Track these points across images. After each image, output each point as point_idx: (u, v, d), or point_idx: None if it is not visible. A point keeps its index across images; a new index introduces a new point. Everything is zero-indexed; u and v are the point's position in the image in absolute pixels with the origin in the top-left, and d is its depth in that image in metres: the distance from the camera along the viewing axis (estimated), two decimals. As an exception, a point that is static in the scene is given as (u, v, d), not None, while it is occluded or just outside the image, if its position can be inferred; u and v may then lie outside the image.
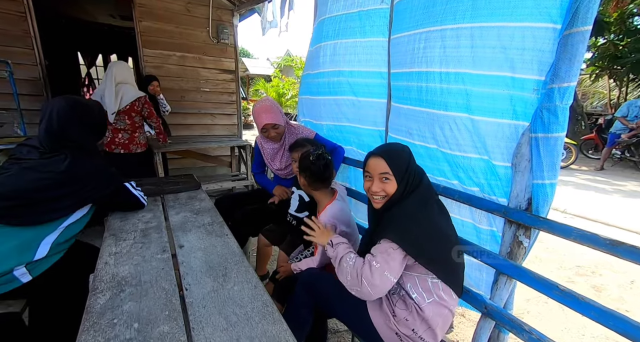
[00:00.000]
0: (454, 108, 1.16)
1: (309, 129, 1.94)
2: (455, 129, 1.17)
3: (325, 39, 1.93)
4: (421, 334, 1.02)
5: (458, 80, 1.12)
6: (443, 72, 1.17)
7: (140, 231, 1.35)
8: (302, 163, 1.42)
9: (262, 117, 1.81)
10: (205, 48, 4.32)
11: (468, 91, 1.09)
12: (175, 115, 4.32)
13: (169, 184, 1.99)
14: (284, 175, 2.04)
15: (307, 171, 1.41)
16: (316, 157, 1.38)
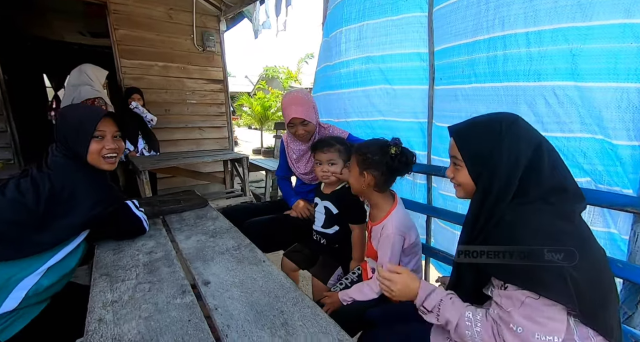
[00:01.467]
0: (552, 76, 0.92)
1: (340, 129, 1.65)
2: (554, 103, 0.93)
3: (347, 22, 1.69)
4: None
5: (558, 39, 0.89)
6: (532, 31, 0.94)
7: (143, 266, 0.99)
8: (374, 158, 1.09)
9: (291, 109, 1.49)
10: (190, 57, 4.01)
11: (574, 51, 0.86)
12: (160, 130, 3.93)
13: (168, 203, 1.62)
14: (309, 180, 1.73)
15: (380, 168, 1.08)
16: (400, 151, 1.06)
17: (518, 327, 0.61)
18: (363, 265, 1.37)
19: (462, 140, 0.76)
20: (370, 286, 1.14)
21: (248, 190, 3.56)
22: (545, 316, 0.59)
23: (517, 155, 0.67)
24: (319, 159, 1.42)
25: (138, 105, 3.15)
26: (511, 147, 0.67)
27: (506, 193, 0.67)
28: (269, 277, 0.91)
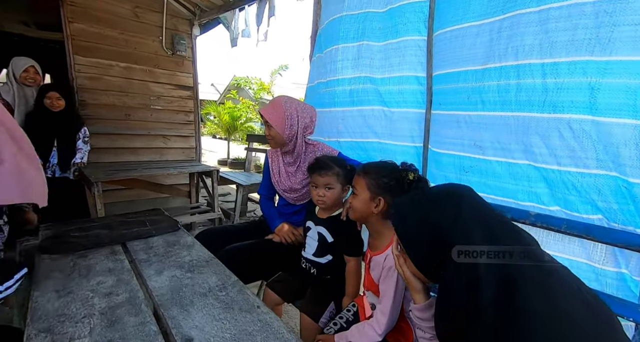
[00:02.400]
0: (569, 109, 0.90)
1: (330, 147, 1.55)
2: (569, 137, 0.92)
3: (343, 40, 1.62)
4: None
5: (576, 71, 0.88)
6: (548, 63, 0.93)
7: (100, 315, 0.77)
8: (390, 183, 1.00)
9: (265, 106, 1.45)
10: (158, 60, 3.71)
11: (593, 85, 0.86)
12: (118, 137, 3.54)
13: (131, 225, 1.37)
14: (294, 199, 1.59)
15: (396, 195, 0.98)
16: (417, 178, 0.98)
17: None
18: (359, 301, 1.25)
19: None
20: (372, 325, 1.01)
21: (217, 206, 3.29)
22: None
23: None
24: (315, 183, 1.29)
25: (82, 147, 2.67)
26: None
27: None
28: (268, 330, 0.75)
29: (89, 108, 3.32)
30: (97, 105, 3.37)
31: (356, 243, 1.27)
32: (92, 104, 3.34)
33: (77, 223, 1.36)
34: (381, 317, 0.99)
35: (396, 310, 1.00)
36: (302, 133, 1.46)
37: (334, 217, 1.32)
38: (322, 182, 1.26)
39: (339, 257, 1.30)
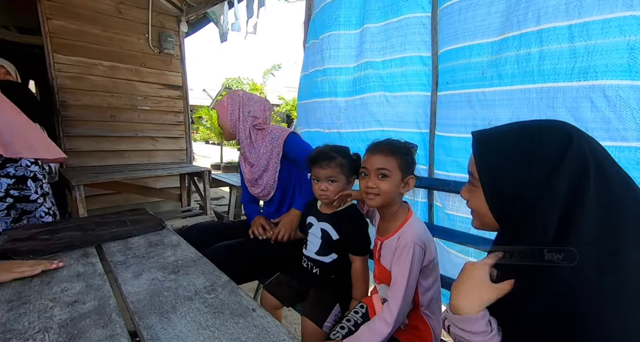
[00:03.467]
0: (602, 74, 0.80)
1: (280, 128, 1.48)
2: (603, 106, 0.81)
3: (345, 27, 1.52)
4: None
5: (611, 30, 0.78)
6: (576, 24, 0.83)
7: (59, 328, 0.62)
8: (411, 159, 0.94)
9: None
10: (144, 58, 3.57)
11: (632, 44, 0.75)
12: (103, 139, 3.37)
13: (109, 226, 1.22)
14: (258, 195, 1.53)
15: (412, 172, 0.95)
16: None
17: None
18: (367, 301, 1.12)
19: (483, 153, 0.56)
20: (382, 317, 0.88)
21: (209, 208, 3.13)
22: None
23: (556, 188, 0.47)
24: (317, 176, 1.16)
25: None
26: (550, 177, 0.47)
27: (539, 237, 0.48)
28: (266, 337, 0.61)
29: (71, 109, 3.15)
30: (79, 106, 3.20)
31: (363, 241, 1.15)
32: (75, 106, 3.17)
33: (47, 225, 1.20)
34: (393, 303, 0.87)
35: (409, 295, 0.88)
36: (246, 120, 1.43)
37: (340, 213, 1.19)
38: (324, 174, 1.13)
39: (344, 256, 1.17)
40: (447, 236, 1.26)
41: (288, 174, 1.47)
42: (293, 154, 1.42)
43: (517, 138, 0.53)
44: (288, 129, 1.47)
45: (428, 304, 0.96)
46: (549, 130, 0.51)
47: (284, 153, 1.42)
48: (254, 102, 1.46)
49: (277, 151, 1.42)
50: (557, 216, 0.46)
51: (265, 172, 1.45)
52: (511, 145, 0.53)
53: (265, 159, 1.43)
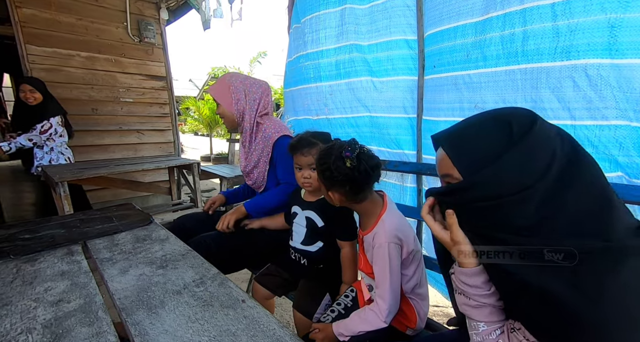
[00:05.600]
0: (584, 53, 0.80)
1: (278, 123, 1.40)
2: (585, 86, 0.81)
3: (325, 6, 1.47)
4: None
5: (592, 8, 0.77)
6: (559, 2, 0.81)
7: (43, 328, 0.61)
8: (332, 175, 0.86)
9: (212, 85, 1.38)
10: (124, 48, 3.44)
11: (613, 21, 0.75)
12: (86, 133, 3.27)
13: (95, 222, 1.20)
14: (252, 185, 1.50)
15: (344, 184, 0.87)
16: (356, 158, 0.84)
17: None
18: (357, 285, 1.13)
19: (458, 150, 0.55)
20: (374, 311, 0.90)
21: (200, 201, 3.10)
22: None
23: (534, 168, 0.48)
24: (299, 163, 1.14)
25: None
26: (527, 157, 0.48)
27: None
28: (256, 328, 0.62)
29: (50, 103, 3.03)
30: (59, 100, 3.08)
31: (349, 226, 1.14)
32: (53, 99, 3.05)
33: (28, 224, 1.17)
34: (382, 303, 0.88)
35: (396, 293, 0.90)
36: (252, 108, 1.35)
37: (323, 199, 1.18)
38: (306, 161, 1.11)
39: (332, 243, 1.16)
40: (436, 219, 1.27)
41: (275, 177, 1.43)
42: (275, 159, 1.37)
43: (489, 128, 0.53)
44: (283, 129, 1.39)
45: (412, 289, 0.98)
46: (513, 115, 0.52)
47: (272, 155, 1.37)
48: (257, 87, 1.37)
49: (267, 151, 1.37)
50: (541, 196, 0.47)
51: (256, 168, 1.42)
52: (485, 137, 0.52)
53: (256, 156, 1.39)
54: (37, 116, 2.44)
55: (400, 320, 0.96)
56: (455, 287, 0.59)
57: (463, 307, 0.57)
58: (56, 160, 2.58)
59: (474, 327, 0.56)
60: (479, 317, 0.55)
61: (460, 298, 0.58)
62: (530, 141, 0.47)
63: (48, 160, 2.55)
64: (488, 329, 0.55)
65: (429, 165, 1.31)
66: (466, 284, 0.56)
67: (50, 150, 2.55)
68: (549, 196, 0.46)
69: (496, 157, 0.49)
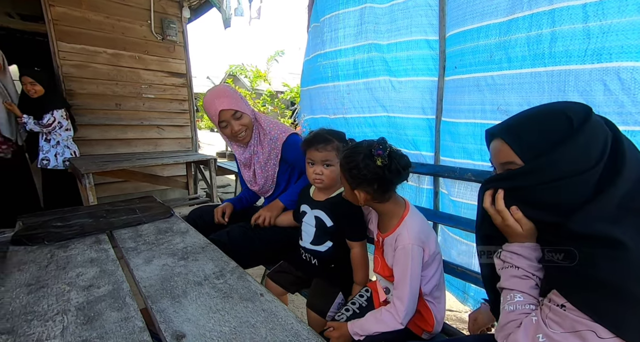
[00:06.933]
0: (617, 55, 0.77)
1: (283, 125, 1.40)
2: (617, 89, 0.79)
3: (344, 5, 1.47)
4: None
5: (627, 9, 0.74)
6: (591, 3, 0.79)
7: (76, 311, 0.65)
8: (360, 173, 0.87)
9: (214, 103, 1.27)
10: (147, 46, 3.54)
11: (650, 23, 0.72)
12: (109, 127, 3.40)
13: (119, 213, 1.25)
14: (259, 192, 1.49)
15: (372, 183, 0.87)
16: (388, 161, 0.85)
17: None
18: (372, 285, 1.14)
19: (519, 139, 0.60)
20: (390, 312, 0.90)
21: (216, 196, 3.18)
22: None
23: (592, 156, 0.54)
24: (312, 159, 1.14)
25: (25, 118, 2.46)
26: (587, 143, 0.54)
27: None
28: (275, 322, 0.64)
29: (78, 98, 3.17)
30: (85, 94, 3.22)
31: (360, 226, 1.13)
32: (80, 94, 3.19)
33: (59, 213, 1.24)
34: (399, 304, 0.88)
35: (414, 295, 0.89)
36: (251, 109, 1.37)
37: (333, 199, 1.17)
38: (320, 157, 1.11)
39: (340, 243, 1.16)
40: (453, 222, 1.26)
41: (288, 176, 1.44)
42: (292, 158, 1.37)
43: (547, 119, 0.58)
44: (287, 128, 1.39)
45: (430, 291, 0.98)
46: (568, 108, 0.57)
47: (282, 156, 1.37)
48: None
49: (275, 153, 1.37)
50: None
51: (263, 172, 1.42)
52: (544, 127, 0.57)
53: (263, 159, 1.39)
54: (39, 109, 2.47)
55: (417, 323, 0.96)
56: (505, 262, 0.64)
57: (510, 280, 0.62)
58: (62, 154, 2.62)
59: (509, 299, 0.62)
60: (523, 287, 0.61)
61: (508, 271, 0.63)
62: (588, 129, 0.53)
63: (54, 154, 2.59)
64: (524, 301, 0.60)
65: (447, 168, 1.30)
66: (522, 256, 0.61)
67: (56, 144, 2.60)
68: (604, 178, 0.52)
69: (558, 143, 0.54)
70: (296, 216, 1.32)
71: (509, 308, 0.61)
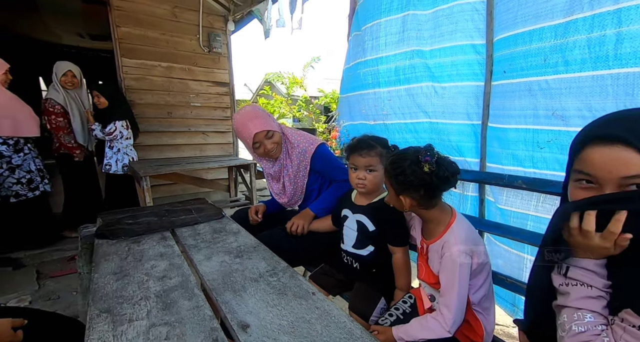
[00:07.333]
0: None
1: (311, 137, 1.44)
2: (694, 92, 0.73)
3: (386, 13, 1.50)
4: None
5: None
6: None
7: (155, 298, 0.74)
8: (407, 179, 0.88)
9: (248, 126, 1.33)
10: (195, 58, 3.82)
11: None
12: (162, 134, 3.71)
13: (178, 213, 1.38)
14: (286, 204, 1.54)
15: (418, 189, 0.88)
16: (436, 167, 0.85)
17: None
18: (416, 292, 1.13)
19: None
20: (437, 320, 0.90)
21: (255, 199, 3.32)
22: None
23: None
24: (355, 164, 1.17)
25: (96, 126, 2.79)
26: None
27: None
28: (329, 319, 0.67)
29: (137, 108, 3.50)
30: (143, 104, 3.55)
31: (402, 231, 1.14)
32: (139, 104, 3.52)
33: (129, 211, 1.39)
34: (447, 312, 0.88)
35: (462, 304, 0.88)
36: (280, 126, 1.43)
37: (375, 203, 1.18)
38: (363, 163, 1.14)
39: (382, 248, 1.17)
40: (501, 231, 1.22)
41: (318, 186, 1.48)
42: (321, 168, 1.42)
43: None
44: (314, 139, 1.43)
45: (479, 301, 0.96)
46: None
47: (311, 167, 1.42)
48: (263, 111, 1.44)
49: (304, 165, 1.42)
50: None
51: (292, 184, 1.46)
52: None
53: (293, 173, 1.44)
54: (104, 119, 2.81)
55: (465, 333, 0.95)
56: (573, 279, 0.60)
57: (580, 300, 0.58)
58: (121, 161, 2.91)
59: (576, 318, 0.57)
60: (594, 306, 0.57)
61: (577, 290, 0.58)
62: None
63: (115, 160, 2.90)
64: (594, 321, 0.56)
65: (494, 175, 1.26)
66: (596, 274, 0.58)
67: (117, 151, 2.90)
68: None
69: None
70: (336, 220, 1.36)
71: (577, 329, 0.57)
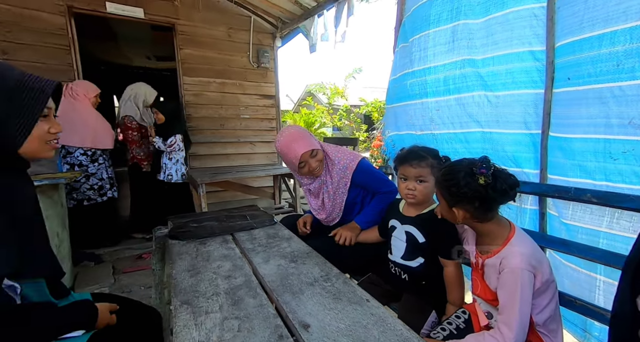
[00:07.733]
0: None
1: (350, 152, 1.45)
2: None
3: (435, 24, 1.51)
4: None
5: None
6: None
7: (225, 294, 0.83)
8: (460, 191, 0.87)
9: (293, 148, 1.36)
10: (246, 73, 4.11)
11: None
12: (214, 144, 4.02)
13: (235, 218, 1.50)
14: (325, 221, 1.55)
15: (473, 201, 0.86)
16: (492, 180, 0.84)
17: None
18: (469, 307, 1.10)
19: None
20: (496, 338, 0.86)
21: (299, 206, 3.43)
22: None
23: None
24: (405, 174, 1.17)
25: (157, 139, 3.06)
26: None
27: None
28: (384, 325, 0.70)
29: (193, 121, 3.85)
30: (199, 118, 3.90)
31: (454, 243, 1.10)
32: (196, 117, 3.87)
33: (193, 216, 1.55)
34: (507, 331, 0.84)
35: (524, 323, 0.84)
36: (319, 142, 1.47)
37: (425, 215, 1.17)
38: (414, 173, 1.13)
39: (433, 260, 1.14)
40: (566, 248, 1.13)
41: (361, 199, 1.50)
42: (363, 181, 1.44)
43: None
44: (355, 155, 1.45)
45: (544, 322, 0.90)
46: None
47: (352, 182, 1.44)
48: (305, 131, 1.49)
49: (344, 182, 1.44)
50: None
51: (331, 201, 1.49)
52: None
53: (332, 190, 1.46)
54: (162, 133, 3.10)
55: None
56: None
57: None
58: (180, 170, 3.19)
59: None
60: None
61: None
62: None
63: (175, 170, 3.17)
64: None
65: (558, 187, 1.18)
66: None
67: (176, 162, 3.17)
68: None
69: None
70: (383, 231, 1.37)
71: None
